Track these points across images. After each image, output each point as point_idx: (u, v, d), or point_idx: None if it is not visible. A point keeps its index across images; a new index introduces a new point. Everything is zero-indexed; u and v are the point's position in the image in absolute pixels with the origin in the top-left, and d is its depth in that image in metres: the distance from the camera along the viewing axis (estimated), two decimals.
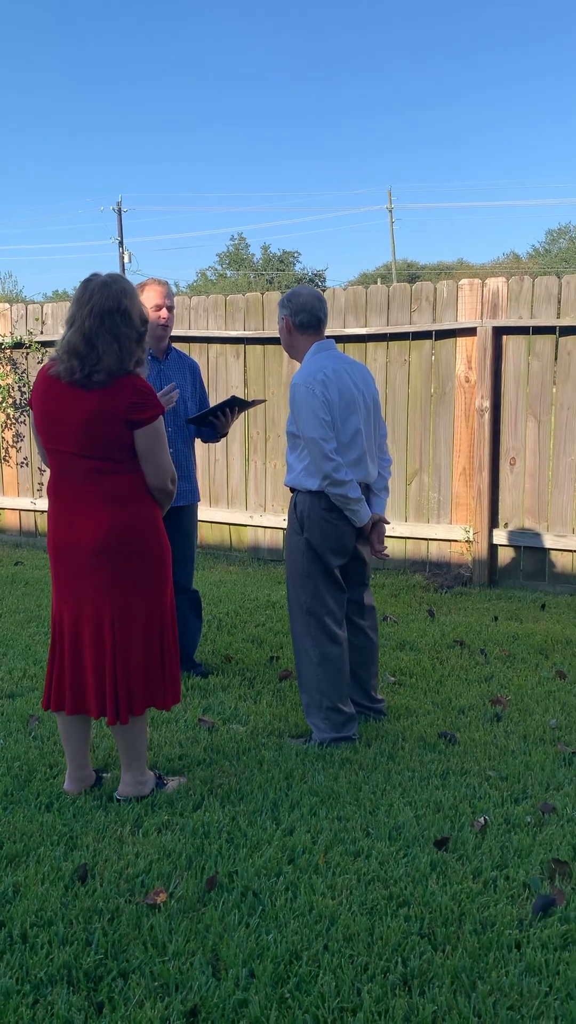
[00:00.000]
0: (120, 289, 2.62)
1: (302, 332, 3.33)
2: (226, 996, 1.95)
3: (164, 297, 3.81)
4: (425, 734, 3.41)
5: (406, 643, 4.62)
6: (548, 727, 3.49)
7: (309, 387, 3.19)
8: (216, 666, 4.23)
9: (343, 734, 3.30)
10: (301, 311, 3.31)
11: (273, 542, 6.82)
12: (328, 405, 3.20)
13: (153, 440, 2.65)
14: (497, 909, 2.26)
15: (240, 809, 2.79)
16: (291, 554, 3.33)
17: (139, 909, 2.26)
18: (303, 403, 3.19)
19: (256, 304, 6.66)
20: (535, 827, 2.70)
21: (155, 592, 2.76)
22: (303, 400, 3.19)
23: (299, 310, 3.31)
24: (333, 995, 1.96)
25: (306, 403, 3.18)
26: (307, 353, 3.33)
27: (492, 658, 4.39)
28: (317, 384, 3.19)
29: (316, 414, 3.17)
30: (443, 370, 6.11)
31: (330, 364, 3.28)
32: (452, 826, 2.69)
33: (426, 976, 2.03)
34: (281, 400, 6.63)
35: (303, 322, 3.32)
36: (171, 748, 3.27)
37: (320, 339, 3.36)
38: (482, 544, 6.00)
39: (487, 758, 3.21)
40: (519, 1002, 1.95)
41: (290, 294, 3.36)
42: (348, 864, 2.47)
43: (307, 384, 3.20)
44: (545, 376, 5.84)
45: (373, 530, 3.40)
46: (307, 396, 3.18)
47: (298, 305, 3.31)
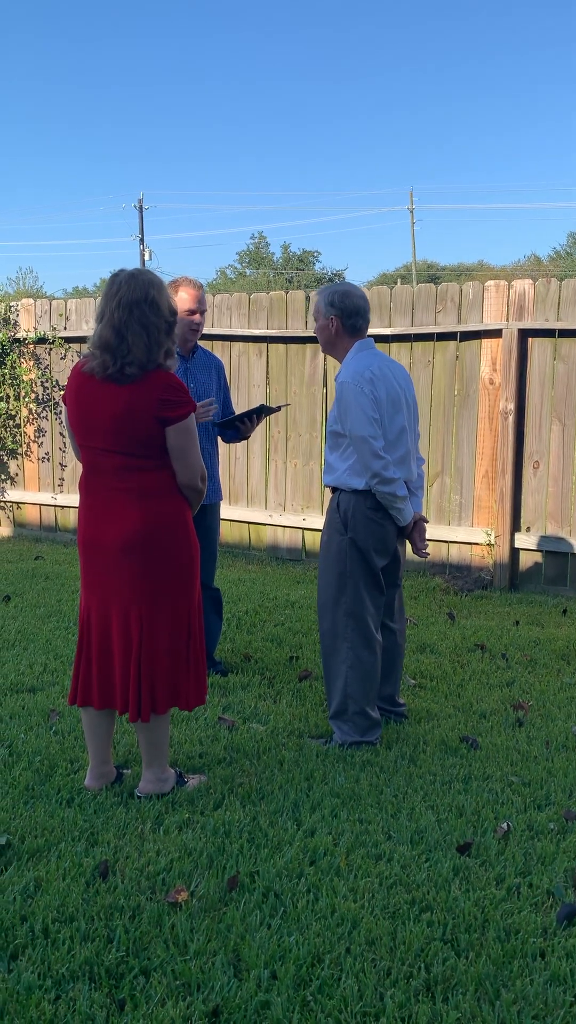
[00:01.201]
0: (147, 280, 2.63)
1: (351, 334, 3.31)
2: (248, 997, 1.94)
3: (197, 302, 3.82)
4: (446, 738, 3.39)
5: (426, 646, 4.59)
6: (571, 733, 3.46)
7: (358, 385, 3.17)
8: (236, 665, 4.22)
9: (366, 738, 3.28)
10: (355, 315, 3.27)
11: (292, 542, 6.81)
12: (377, 403, 3.18)
13: (184, 437, 2.65)
14: (521, 916, 2.24)
15: (261, 809, 2.78)
16: (331, 554, 3.30)
17: (160, 907, 2.26)
18: (352, 401, 3.17)
19: (280, 303, 6.65)
20: (558, 834, 2.67)
21: (183, 590, 2.75)
22: (352, 398, 3.17)
23: (352, 313, 3.27)
24: (356, 999, 1.94)
25: (355, 401, 3.16)
26: (350, 352, 3.31)
27: (513, 663, 4.36)
28: (366, 383, 3.17)
29: (366, 412, 3.15)
30: (467, 372, 6.07)
31: (375, 362, 3.26)
32: (474, 831, 2.67)
33: (449, 982, 2.01)
34: (303, 400, 6.62)
35: (355, 326, 3.29)
36: (191, 746, 3.26)
37: (363, 338, 3.34)
38: (504, 548, 5.96)
39: (509, 763, 3.18)
40: (544, 1011, 1.93)
41: (340, 294, 3.29)
42: (370, 867, 2.46)
43: (356, 382, 3.18)
44: (571, 379, 5.79)
45: (415, 529, 3.38)
46: (356, 394, 3.16)
47: (351, 308, 3.27)
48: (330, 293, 3.31)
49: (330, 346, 3.37)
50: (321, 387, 6.56)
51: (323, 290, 3.35)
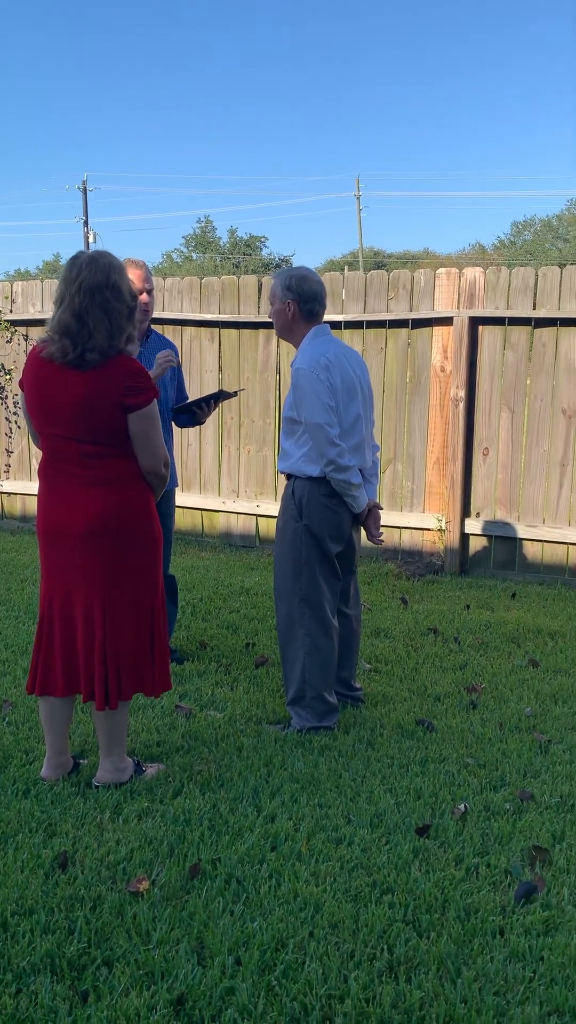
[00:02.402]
0: (108, 264, 2.58)
1: (307, 319, 3.29)
2: (213, 984, 1.94)
3: (144, 281, 3.75)
4: (403, 721, 3.42)
5: (381, 630, 4.63)
6: (523, 715, 3.53)
7: (314, 372, 3.16)
8: (191, 652, 4.20)
9: (324, 724, 3.30)
10: (312, 299, 3.26)
11: (246, 528, 6.79)
12: (332, 390, 3.17)
13: (147, 424, 2.61)
14: (480, 896, 2.28)
15: (221, 796, 2.77)
16: (287, 541, 3.30)
17: (122, 897, 2.24)
18: (308, 388, 3.16)
19: (232, 288, 6.60)
20: (514, 814, 2.72)
21: (147, 577, 2.73)
22: (308, 385, 3.16)
23: (309, 298, 3.26)
24: (320, 982, 1.96)
25: (311, 388, 3.15)
26: (306, 337, 3.30)
27: (466, 646, 4.42)
28: (322, 369, 3.16)
29: (321, 399, 3.14)
30: (419, 359, 6.11)
31: (332, 349, 3.25)
32: (433, 813, 2.71)
33: (412, 963, 2.04)
34: (257, 386, 6.59)
35: (312, 311, 3.28)
36: (149, 734, 3.24)
37: (319, 324, 3.32)
38: (454, 533, 6.04)
39: (464, 745, 3.23)
40: (504, 987, 1.97)
41: (297, 278, 3.27)
42: (331, 851, 2.47)
43: (312, 369, 3.16)
44: (520, 367, 5.87)
45: (369, 516, 3.39)
46: (312, 381, 3.15)
47: (308, 292, 3.25)
48: (287, 277, 3.28)
49: (286, 331, 3.35)
50: (275, 373, 6.54)
51: (280, 274, 3.33)
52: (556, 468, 5.83)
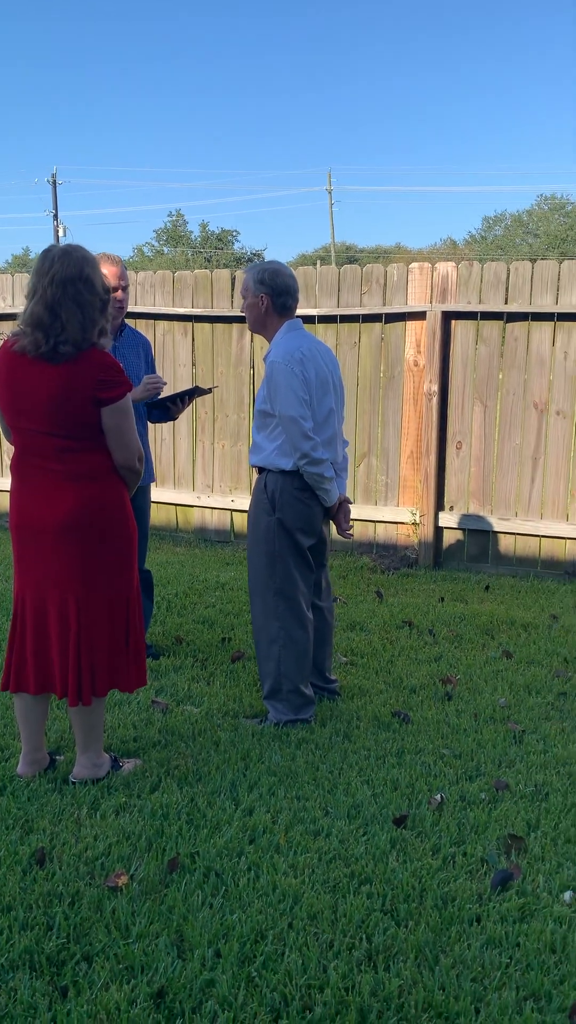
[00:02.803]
0: (81, 257, 2.57)
1: (280, 313, 3.29)
2: (193, 976, 1.95)
3: (119, 277, 3.73)
4: (379, 713, 3.44)
5: (356, 624, 4.65)
6: (497, 706, 3.56)
7: (289, 365, 3.16)
8: (167, 648, 4.20)
9: (301, 716, 3.31)
10: (284, 293, 3.26)
11: (220, 523, 6.78)
12: (307, 384, 3.18)
13: (120, 418, 2.60)
14: (457, 884, 2.30)
15: (198, 790, 2.77)
16: (260, 535, 3.31)
17: (100, 892, 2.24)
18: (282, 381, 3.16)
19: (205, 281, 6.58)
20: (489, 803, 2.75)
21: (122, 572, 2.72)
22: (282, 378, 3.16)
23: (282, 292, 3.26)
24: (300, 972, 1.97)
25: (285, 381, 3.15)
26: (279, 331, 3.30)
27: (440, 638, 4.45)
28: (296, 363, 3.17)
29: (296, 392, 3.15)
30: (392, 353, 6.13)
31: (305, 343, 3.26)
32: (410, 804, 2.73)
33: (390, 951, 2.06)
34: (230, 380, 6.58)
35: (285, 304, 3.28)
36: (125, 730, 3.23)
37: (292, 318, 3.33)
38: (428, 527, 6.08)
39: (440, 736, 3.26)
40: (481, 974, 1.99)
41: (270, 272, 3.27)
42: (309, 843, 2.49)
43: (287, 362, 3.17)
44: (492, 361, 5.91)
45: (339, 510, 3.40)
46: (287, 374, 3.15)
47: (281, 287, 3.26)
48: (259, 271, 3.28)
49: (259, 325, 3.35)
50: (248, 367, 6.53)
51: (252, 267, 3.33)
52: (528, 461, 5.88)
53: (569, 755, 3.11)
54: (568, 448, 5.80)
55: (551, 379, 5.78)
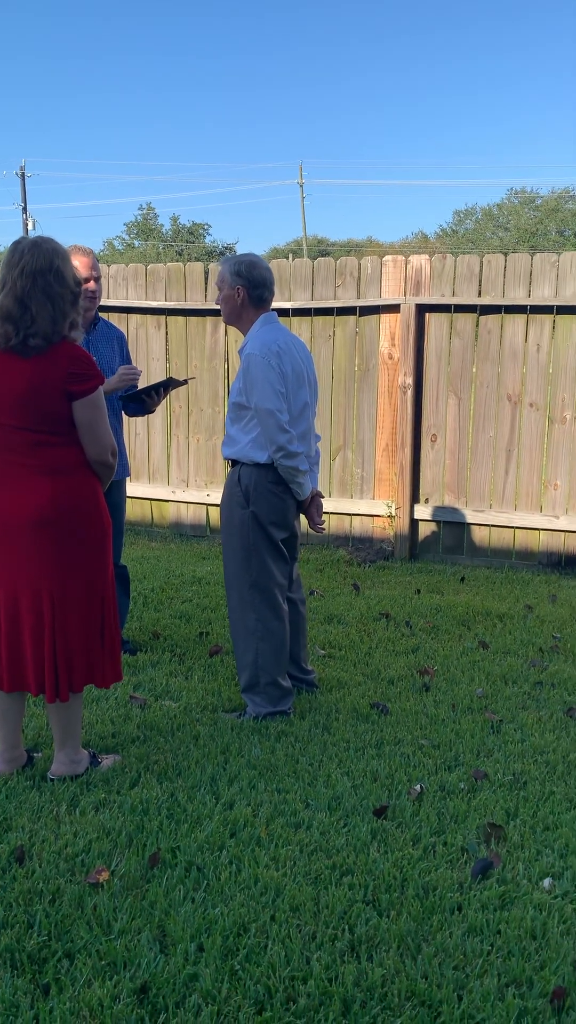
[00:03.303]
0: (51, 249, 2.54)
1: (256, 306, 3.28)
2: (176, 971, 1.94)
3: (90, 268, 3.70)
4: (357, 705, 3.45)
5: (334, 616, 4.66)
6: (475, 696, 3.59)
7: (266, 358, 3.15)
8: (144, 643, 4.18)
9: (280, 708, 3.31)
10: (261, 286, 3.26)
11: (196, 518, 6.76)
12: (283, 377, 3.17)
13: (92, 411, 2.58)
14: (438, 874, 2.32)
15: (178, 785, 2.76)
16: (234, 528, 3.30)
17: (81, 889, 2.22)
18: (259, 374, 3.15)
19: (178, 274, 6.54)
20: (469, 793, 2.77)
21: (96, 567, 2.69)
22: (259, 371, 3.15)
23: (259, 284, 3.25)
24: (283, 964, 1.97)
25: (262, 374, 3.14)
26: (255, 324, 3.29)
27: (417, 630, 4.48)
28: (273, 356, 3.16)
29: (273, 385, 3.14)
30: (367, 346, 6.14)
31: (281, 336, 3.25)
32: (389, 794, 2.74)
33: (373, 941, 2.06)
34: (205, 374, 6.55)
35: (261, 297, 3.27)
36: (103, 726, 3.21)
37: (267, 311, 3.32)
38: (404, 519, 6.10)
39: (419, 727, 3.27)
40: (463, 962, 2.00)
41: (247, 264, 3.26)
42: (290, 835, 2.49)
43: (263, 355, 3.16)
44: (466, 354, 5.94)
45: (311, 503, 3.40)
46: (264, 367, 3.14)
47: (258, 279, 3.25)
48: (236, 263, 3.27)
49: (234, 317, 3.34)
50: (223, 361, 6.50)
51: (228, 259, 3.31)
52: (502, 454, 5.92)
53: (546, 744, 3.14)
54: (541, 440, 5.84)
55: (524, 371, 5.82)
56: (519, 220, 44.45)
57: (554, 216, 43.19)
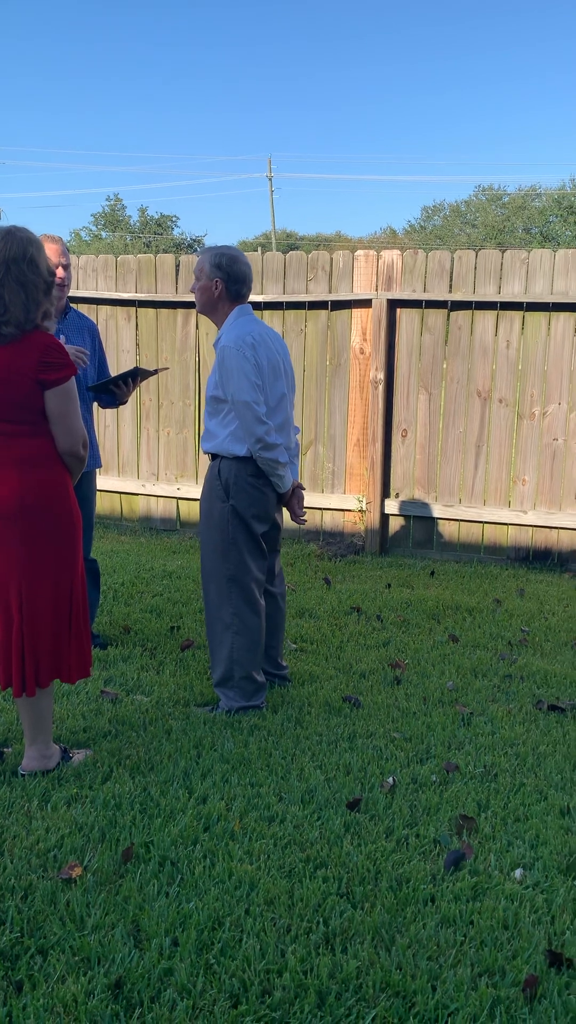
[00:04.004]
0: (25, 238, 2.51)
1: (232, 299, 3.27)
2: (150, 966, 1.93)
3: (59, 255, 3.65)
4: (330, 698, 3.46)
5: (305, 611, 4.67)
6: (446, 689, 3.62)
7: (240, 350, 3.13)
8: (115, 637, 4.15)
9: (253, 703, 3.31)
10: (239, 281, 3.24)
11: (166, 512, 6.72)
12: (259, 369, 3.16)
13: (64, 402, 2.55)
14: (411, 866, 2.33)
15: (151, 779, 2.75)
16: (214, 521, 3.28)
17: (54, 884, 2.20)
18: (234, 366, 3.13)
19: (149, 266, 6.49)
20: (440, 785, 2.79)
21: (65, 560, 2.67)
22: (234, 363, 3.13)
23: (238, 279, 3.23)
24: (258, 958, 1.97)
25: (238, 366, 3.13)
26: (229, 316, 3.27)
27: (388, 624, 4.50)
28: (248, 348, 3.14)
29: (249, 377, 3.12)
30: (339, 341, 6.15)
31: (256, 329, 3.24)
32: (362, 787, 2.75)
33: (347, 934, 2.07)
34: (176, 367, 6.51)
35: (239, 292, 3.26)
36: (75, 721, 3.18)
37: (243, 303, 3.30)
38: (375, 514, 6.12)
39: (390, 720, 3.29)
40: (437, 952, 2.02)
41: (228, 257, 3.24)
42: (264, 829, 2.49)
43: (238, 347, 3.14)
44: (436, 350, 5.97)
45: (292, 496, 3.40)
46: (239, 359, 3.13)
47: (237, 274, 3.23)
48: (217, 255, 3.25)
49: (209, 308, 3.32)
50: (194, 353, 6.47)
51: (209, 250, 3.29)
52: (472, 449, 5.96)
53: (516, 736, 3.17)
54: (510, 436, 5.90)
55: (494, 368, 5.86)
56: (486, 217, 44.76)
57: (521, 213, 43.54)
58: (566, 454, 5.78)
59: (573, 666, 3.96)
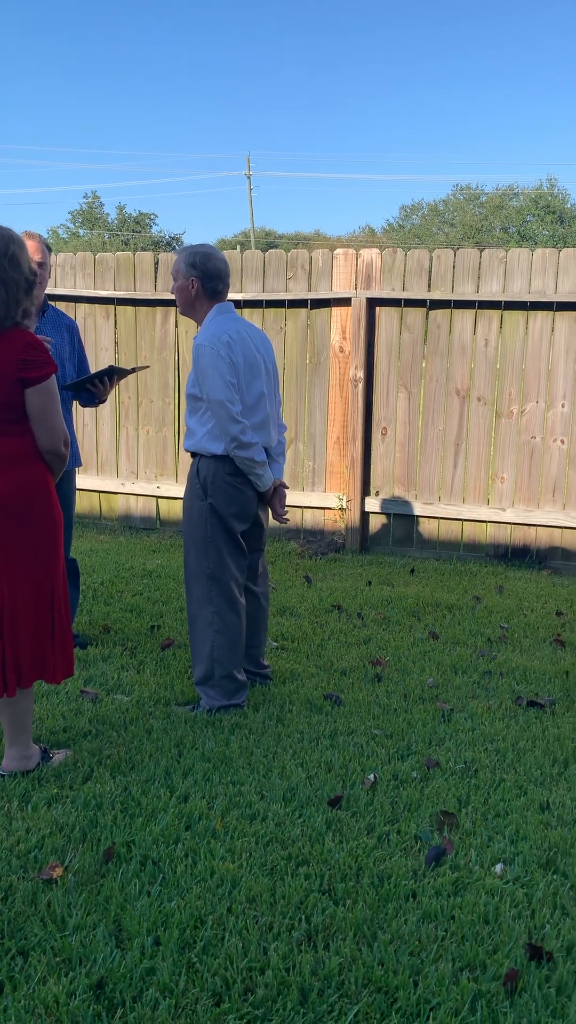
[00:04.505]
0: (7, 235, 2.49)
1: (210, 297, 3.26)
2: (132, 966, 1.93)
3: (38, 252, 3.63)
4: (311, 696, 3.47)
5: (286, 609, 4.67)
6: (426, 686, 3.63)
7: (215, 348, 3.13)
8: (95, 636, 4.13)
9: (234, 701, 3.30)
10: (216, 278, 3.23)
11: (146, 510, 6.70)
12: (234, 367, 3.15)
13: (45, 399, 2.54)
14: (392, 862, 2.34)
15: (132, 779, 2.74)
16: (193, 520, 3.27)
17: (34, 885, 2.19)
18: (208, 364, 3.12)
19: (127, 264, 6.46)
20: (421, 781, 2.80)
21: (46, 559, 2.65)
22: (208, 361, 3.13)
23: (214, 276, 3.23)
24: (241, 956, 1.97)
25: (212, 364, 3.12)
26: (208, 314, 3.26)
27: (369, 621, 4.51)
28: (223, 346, 3.14)
29: (223, 376, 3.12)
30: (318, 339, 6.15)
31: (234, 326, 3.23)
32: (343, 784, 2.76)
33: (329, 930, 2.08)
34: (155, 365, 6.49)
35: (216, 289, 3.25)
36: (54, 721, 3.17)
37: (222, 302, 3.30)
38: (355, 512, 6.13)
39: (371, 717, 3.30)
40: (418, 948, 2.03)
41: (202, 255, 3.23)
42: (245, 827, 2.49)
43: (212, 345, 3.13)
44: (416, 348, 5.99)
45: (275, 495, 3.40)
46: (213, 357, 3.12)
47: (213, 271, 3.22)
48: (191, 254, 3.24)
49: (188, 307, 3.31)
50: (173, 352, 6.45)
51: (184, 250, 3.29)
52: (451, 447, 5.99)
53: (495, 732, 3.20)
54: (489, 434, 5.93)
55: (472, 366, 5.89)
56: (464, 216, 44.97)
57: (498, 213, 43.79)
58: (544, 452, 5.83)
59: (552, 662, 3.99)
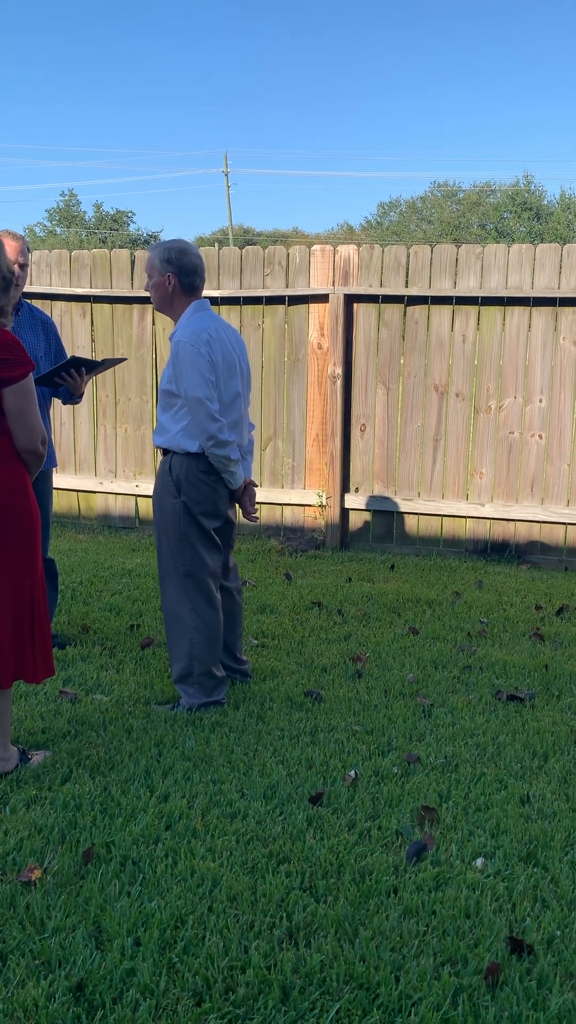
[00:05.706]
0: None
1: (187, 293, 3.24)
2: (112, 967, 1.91)
3: (19, 254, 3.60)
4: (291, 693, 3.46)
5: (266, 606, 4.66)
6: (406, 681, 3.64)
7: (195, 346, 3.11)
8: (73, 636, 4.10)
9: (213, 698, 3.29)
10: (192, 273, 3.21)
11: (125, 509, 6.67)
12: (213, 365, 3.14)
13: (23, 399, 2.51)
14: (373, 858, 2.34)
15: (111, 779, 2.72)
16: (166, 518, 3.26)
17: (13, 888, 2.17)
18: (188, 361, 3.10)
19: (104, 261, 6.42)
20: (402, 777, 2.80)
21: (24, 559, 2.63)
22: (188, 358, 3.11)
23: (190, 271, 3.21)
24: (222, 955, 1.96)
25: (192, 362, 3.10)
26: (186, 312, 3.24)
27: (349, 618, 4.51)
28: (203, 343, 3.12)
29: (202, 373, 3.10)
30: (296, 336, 6.14)
31: (212, 324, 3.21)
32: (324, 781, 2.75)
33: (311, 928, 2.07)
34: (132, 363, 6.46)
35: (192, 284, 3.23)
36: (33, 722, 3.14)
37: (199, 298, 3.28)
38: (334, 508, 6.13)
39: (352, 713, 3.30)
40: (400, 943, 2.03)
41: (177, 251, 3.21)
42: (226, 826, 2.48)
43: (193, 342, 3.11)
44: (394, 344, 6.00)
45: (244, 492, 3.39)
46: (193, 355, 3.10)
47: (188, 266, 3.20)
48: (165, 249, 3.22)
49: (165, 304, 3.29)
50: (151, 349, 6.42)
51: (157, 246, 3.26)
52: (429, 443, 6.00)
53: (476, 726, 3.20)
54: (467, 430, 5.95)
55: (451, 362, 5.90)
56: (442, 213, 45.09)
57: (476, 210, 43.95)
58: (522, 447, 5.85)
59: (531, 656, 4.01)
